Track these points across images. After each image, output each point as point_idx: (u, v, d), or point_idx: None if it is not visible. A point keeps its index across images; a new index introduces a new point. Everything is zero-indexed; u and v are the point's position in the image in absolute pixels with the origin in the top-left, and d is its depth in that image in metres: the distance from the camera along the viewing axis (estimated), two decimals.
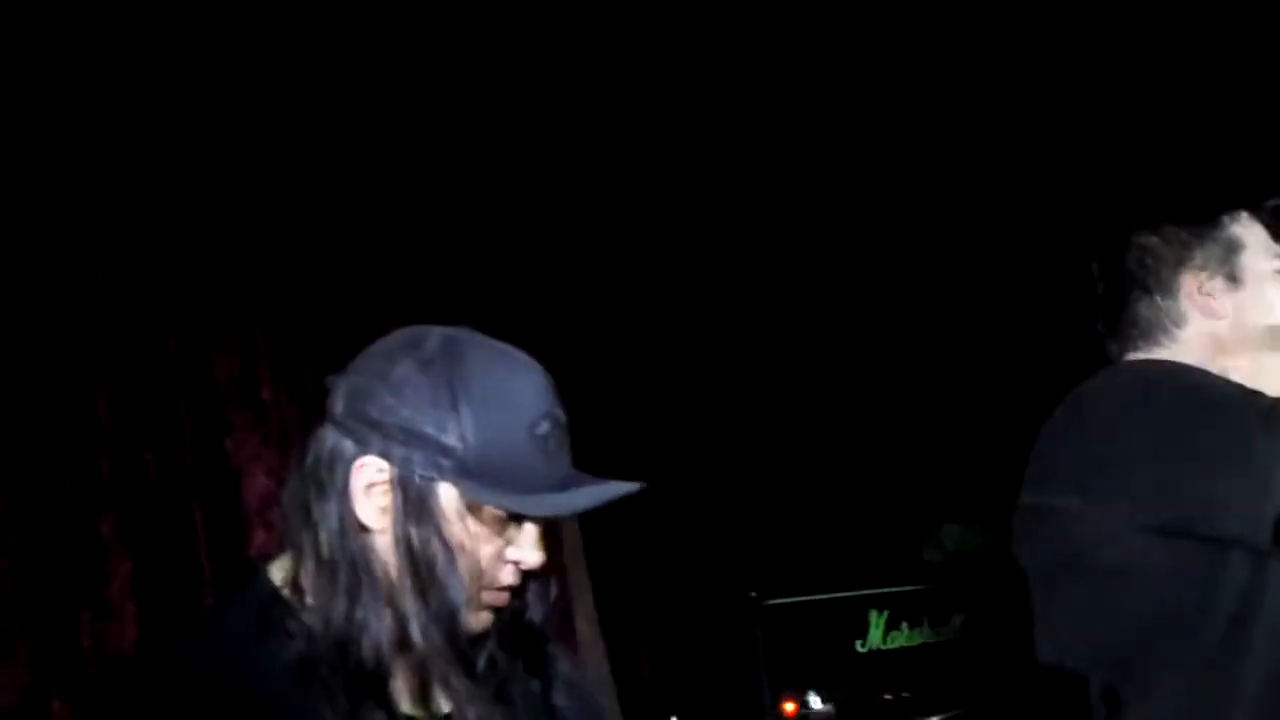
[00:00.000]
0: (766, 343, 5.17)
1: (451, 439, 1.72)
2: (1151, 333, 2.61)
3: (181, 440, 4.18)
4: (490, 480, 1.73)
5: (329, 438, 1.77)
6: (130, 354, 4.10)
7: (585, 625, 4.70)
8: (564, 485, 1.78)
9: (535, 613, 1.89)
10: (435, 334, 1.80)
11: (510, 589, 1.82)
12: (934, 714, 4.20)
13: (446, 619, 1.73)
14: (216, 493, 4.20)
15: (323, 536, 1.76)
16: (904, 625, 4.35)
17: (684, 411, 5.04)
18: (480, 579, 1.78)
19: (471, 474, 1.73)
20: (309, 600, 1.77)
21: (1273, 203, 2.73)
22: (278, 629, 1.77)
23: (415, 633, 1.72)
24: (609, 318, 4.93)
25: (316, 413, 1.81)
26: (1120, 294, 2.66)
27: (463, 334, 1.81)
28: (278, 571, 1.82)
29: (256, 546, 4.19)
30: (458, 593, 1.73)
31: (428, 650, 1.72)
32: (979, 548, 4.67)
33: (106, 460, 4.01)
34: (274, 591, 1.80)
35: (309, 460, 1.78)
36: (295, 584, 1.79)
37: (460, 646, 1.74)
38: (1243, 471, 2.26)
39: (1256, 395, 2.44)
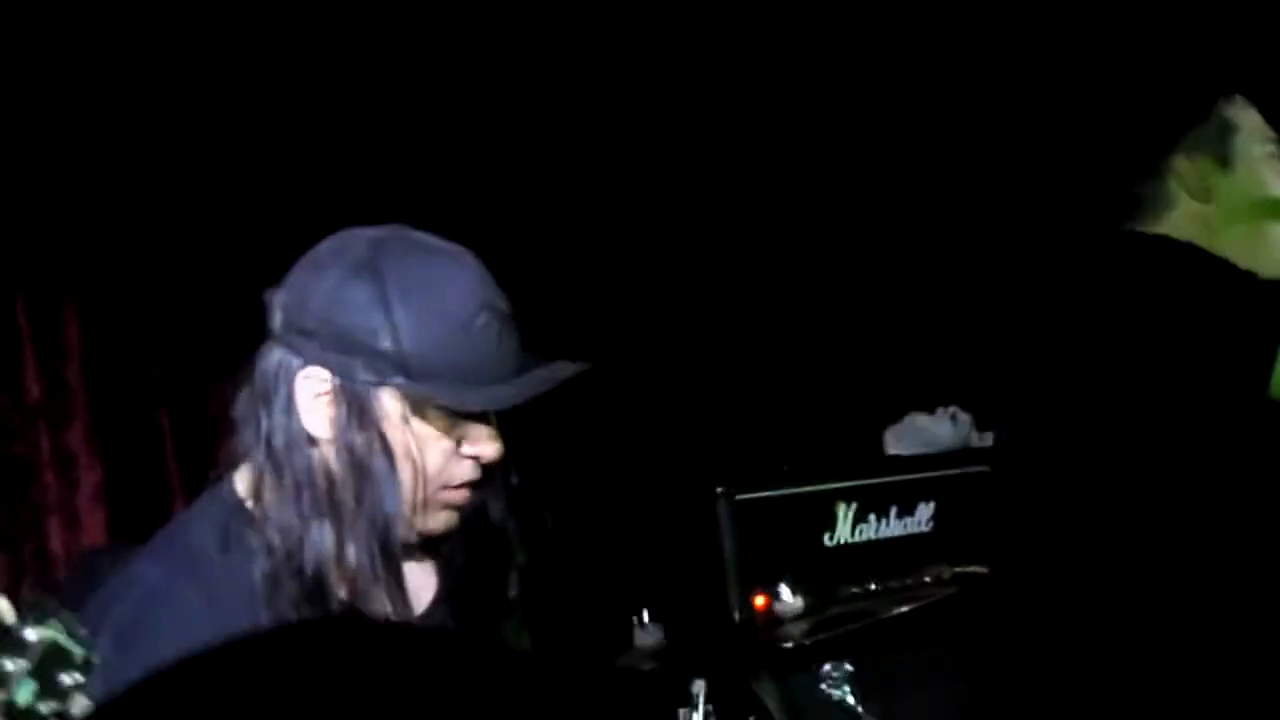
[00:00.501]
0: (728, 232, 5.16)
1: (387, 342, 1.74)
2: (1141, 213, 2.63)
3: (148, 349, 4.18)
4: (431, 379, 1.75)
5: (273, 352, 1.80)
6: (99, 265, 4.09)
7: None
8: (510, 375, 1.78)
9: (498, 505, 1.90)
10: (364, 238, 1.80)
11: (471, 484, 1.83)
12: (904, 605, 4.23)
13: (382, 531, 1.75)
14: (184, 401, 4.21)
15: (273, 449, 1.78)
16: (872, 518, 4.38)
17: (648, 305, 5.04)
18: (435, 480, 1.79)
19: (411, 375, 1.74)
20: (269, 511, 1.78)
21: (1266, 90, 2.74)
22: (239, 542, 1.78)
23: (350, 547, 1.73)
24: (571, 202, 4.92)
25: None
26: (1111, 174, 2.67)
27: (393, 234, 1.81)
28: (241, 481, 1.83)
29: (225, 453, 4.20)
30: (395, 503, 1.75)
31: (358, 565, 1.73)
32: (944, 440, 4.70)
33: (76, 369, 4.01)
34: (238, 503, 1.82)
35: (256, 375, 1.79)
36: (258, 494, 1.80)
37: (392, 561, 1.75)
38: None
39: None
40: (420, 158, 4.64)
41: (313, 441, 1.78)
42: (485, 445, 1.81)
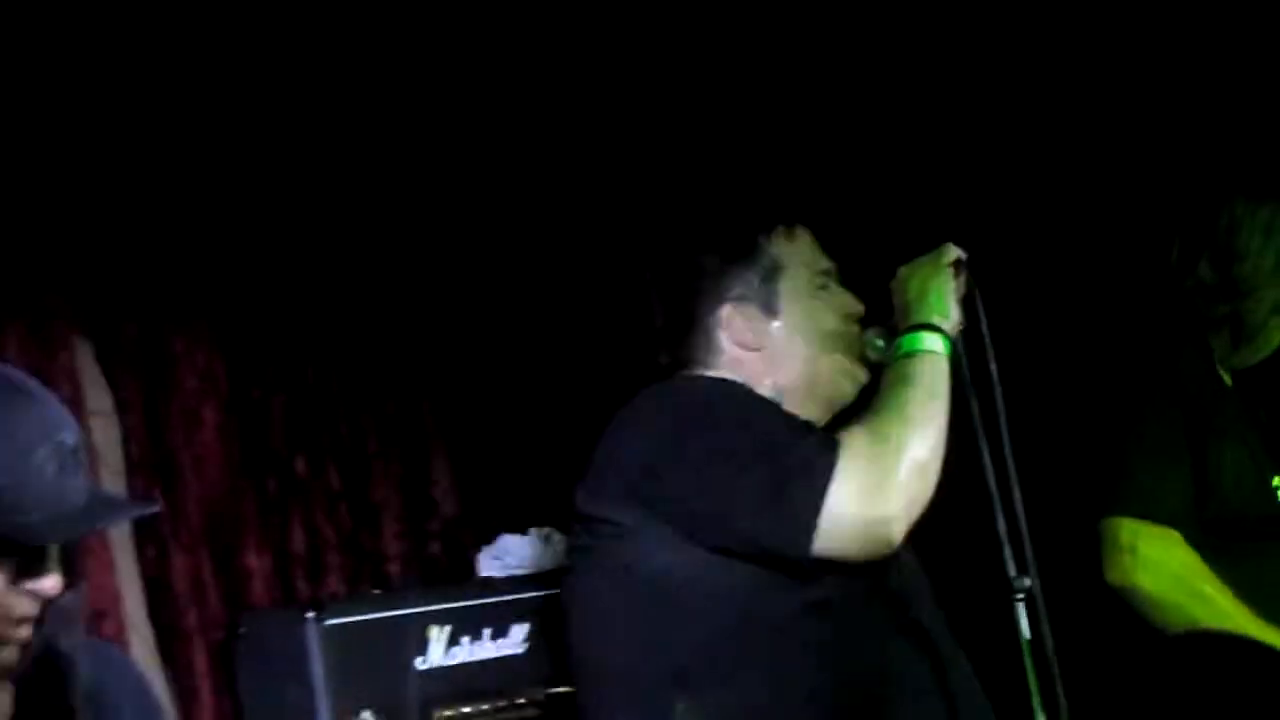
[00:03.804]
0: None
1: None
2: (694, 362, 2.69)
3: None
4: None
5: None
6: None
7: (140, 644, 4.57)
8: (71, 512, 1.78)
9: (64, 638, 1.88)
10: None
11: (33, 618, 1.80)
12: None
13: None
14: None
15: None
16: (465, 640, 4.37)
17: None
18: None
19: None
20: None
21: (820, 208, 2.84)
22: None
23: None
24: None
25: None
26: (665, 322, 2.73)
27: None
28: None
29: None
30: None
31: None
32: (539, 561, 4.74)
33: None
34: None
35: None
36: None
37: None
38: (777, 501, 2.36)
39: (796, 424, 2.53)
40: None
41: None
42: (44, 580, 1.79)
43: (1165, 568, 2.98)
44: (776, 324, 2.71)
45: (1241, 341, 3.22)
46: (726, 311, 2.70)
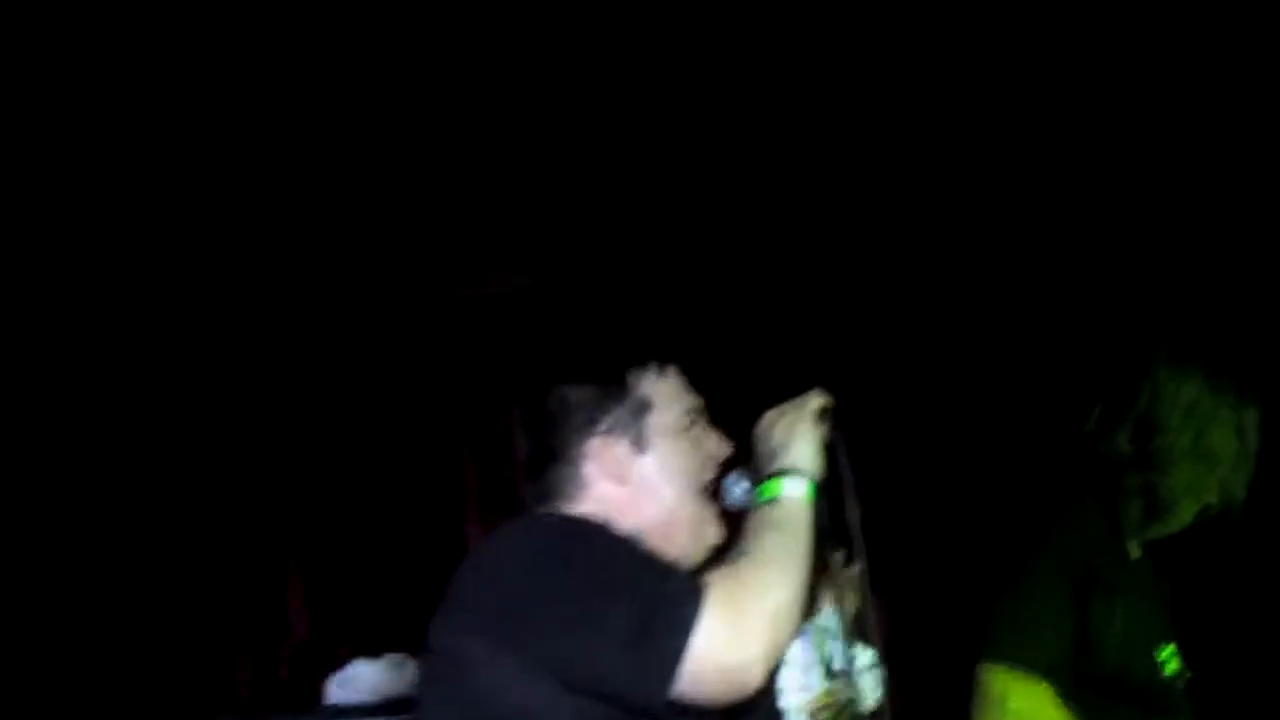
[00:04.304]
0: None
1: None
2: (558, 496, 2.70)
3: None
4: None
5: None
6: None
7: None
8: None
9: None
10: None
11: None
12: None
13: None
14: None
15: None
16: None
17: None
18: None
19: None
20: None
21: (679, 357, 2.86)
22: None
23: None
24: None
25: None
26: (533, 454, 2.74)
27: None
28: None
29: None
30: None
31: None
32: (390, 689, 4.72)
33: None
34: None
35: None
36: None
37: None
38: (639, 644, 2.38)
39: (658, 565, 2.56)
40: None
41: None
42: None
43: None
44: (645, 460, 2.69)
45: (1153, 515, 3.18)
46: (595, 445, 2.68)
